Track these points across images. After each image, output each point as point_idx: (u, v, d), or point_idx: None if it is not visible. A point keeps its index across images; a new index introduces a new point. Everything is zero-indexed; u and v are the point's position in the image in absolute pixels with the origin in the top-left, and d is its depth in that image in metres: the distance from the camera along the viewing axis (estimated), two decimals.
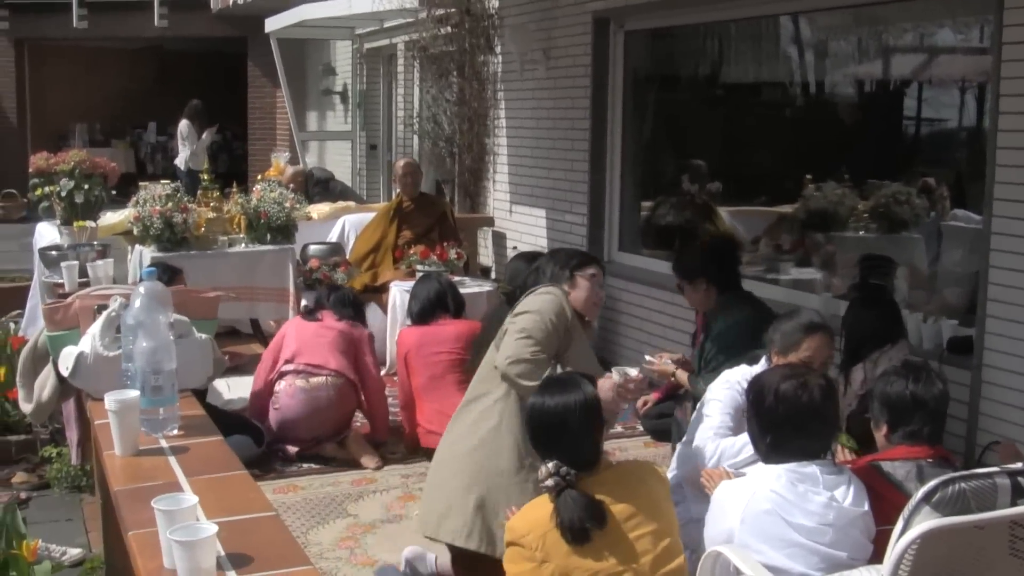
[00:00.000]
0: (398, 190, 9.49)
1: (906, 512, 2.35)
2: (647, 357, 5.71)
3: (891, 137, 8.50)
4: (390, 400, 6.83)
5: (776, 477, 3.38)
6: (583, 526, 3.27)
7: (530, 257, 5.69)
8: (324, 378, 6.22)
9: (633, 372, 3.85)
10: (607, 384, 3.80)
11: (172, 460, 3.18)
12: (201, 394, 4.58)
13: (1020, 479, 2.38)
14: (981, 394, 5.53)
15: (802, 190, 8.56)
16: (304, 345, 6.32)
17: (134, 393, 3.31)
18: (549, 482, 3.32)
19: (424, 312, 6.53)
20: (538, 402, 3.50)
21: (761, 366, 4.69)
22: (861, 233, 8.39)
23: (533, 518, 3.39)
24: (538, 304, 4.23)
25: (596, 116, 8.91)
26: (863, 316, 5.46)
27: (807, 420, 3.43)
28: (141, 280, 3.61)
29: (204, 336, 4.01)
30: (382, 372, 8.25)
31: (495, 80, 10.51)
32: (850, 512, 3.39)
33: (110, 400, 3.23)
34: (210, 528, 2.30)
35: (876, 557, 3.39)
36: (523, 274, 5.39)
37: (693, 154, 9.23)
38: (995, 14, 5.39)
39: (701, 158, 9.17)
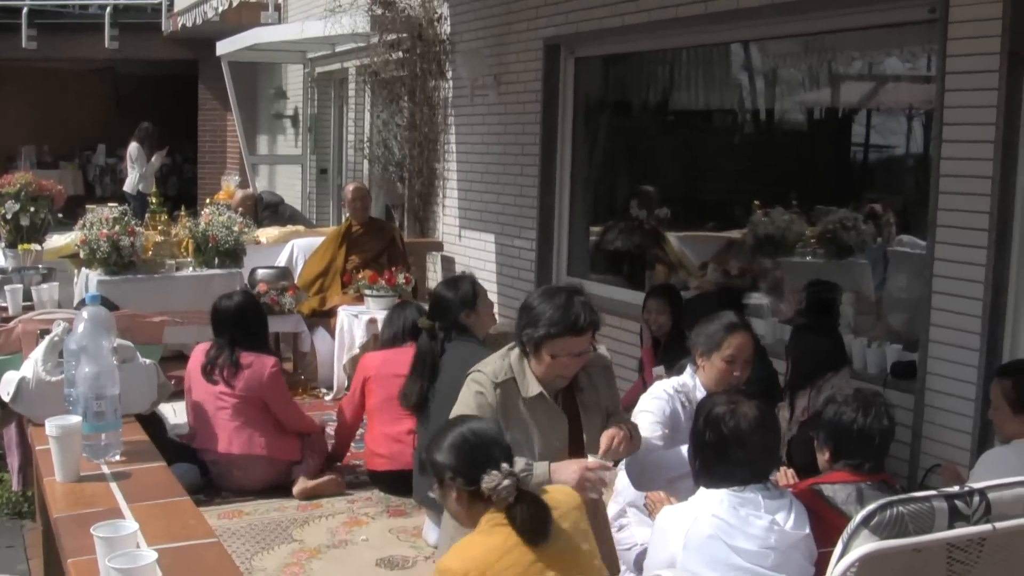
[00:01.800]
0: (347, 214, 9.48)
1: (845, 536, 2.37)
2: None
3: (838, 163, 8.59)
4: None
5: (718, 502, 3.41)
6: (544, 524, 3.02)
7: (452, 285, 5.64)
8: None
9: (608, 464, 3.76)
10: (570, 468, 3.70)
11: (114, 486, 3.16)
12: (153, 420, 4.54)
13: (957, 502, 2.40)
14: (924, 418, 5.59)
15: (751, 216, 8.64)
16: None
17: (76, 419, 3.29)
18: (507, 482, 2.99)
19: (396, 338, 6.46)
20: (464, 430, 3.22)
21: (688, 374, 4.71)
22: (808, 258, 8.46)
23: (471, 555, 3.02)
24: (458, 404, 3.95)
25: (546, 141, 8.95)
26: (809, 343, 5.53)
27: (730, 447, 3.47)
28: (84, 305, 3.58)
29: (148, 361, 3.98)
30: (328, 397, 8.28)
31: (446, 105, 10.54)
32: (792, 535, 3.42)
33: (51, 426, 3.20)
34: (150, 555, 2.28)
35: None
36: (453, 308, 5.42)
37: (643, 179, 9.27)
38: (939, 43, 5.47)
39: (651, 183, 9.22)
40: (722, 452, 3.44)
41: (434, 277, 10.74)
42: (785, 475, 4.30)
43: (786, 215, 8.72)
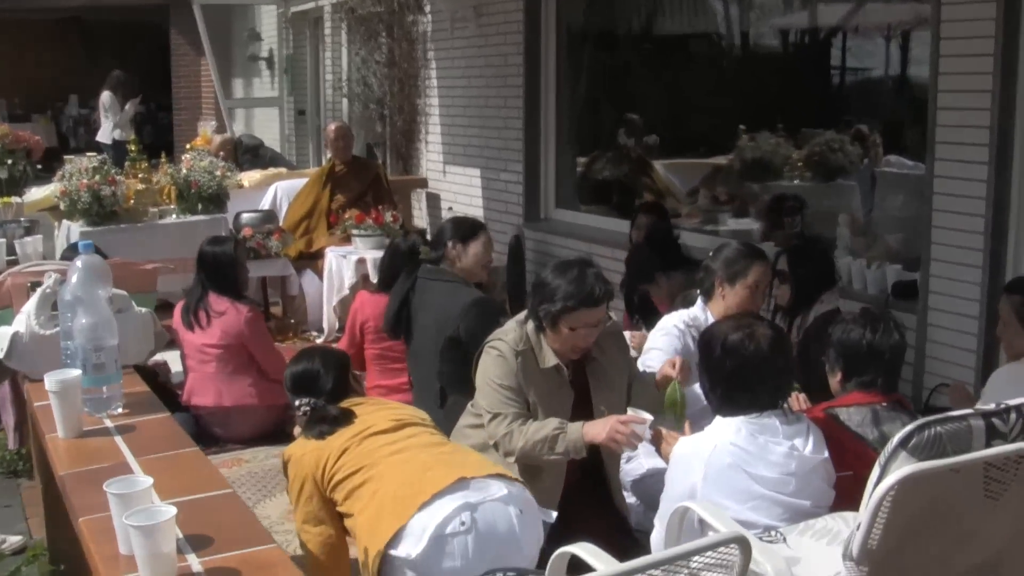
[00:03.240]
0: (330, 154, 9.35)
1: (882, 459, 2.31)
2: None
3: (823, 86, 8.52)
4: None
5: (736, 430, 3.33)
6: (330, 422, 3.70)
7: (456, 219, 5.61)
8: None
9: (644, 415, 3.73)
10: (601, 424, 3.76)
11: (119, 440, 3.06)
12: (147, 372, 4.45)
13: (994, 420, 2.34)
14: (927, 337, 5.55)
15: (737, 141, 8.57)
16: None
17: (75, 372, 3.19)
18: (304, 408, 3.80)
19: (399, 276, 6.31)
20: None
21: (698, 307, 4.65)
22: (796, 182, 8.42)
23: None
24: (480, 371, 4.04)
25: (529, 73, 8.83)
26: (807, 264, 5.44)
27: (755, 371, 3.37)
28: (74, 254, 3.47)
29: (144, 310, 3.88)
30: (320, 340, 8.19)
31: (425, 40, 10.38)
32: (811, 460, 3.36)
33: (51, 380, 3.11)
34: (168, 511, 2.20)
35: (837, 503, 3.38)
36: (442, 236, 5.34)
37: (628, 109, 9.19)
38: None
39: (636, 112, 9.13)
40: (746, 377, 3.35)
41: (419, 215, 10.64)
42: (797, 400, 4.23)
43: (772, 139, 8.66)
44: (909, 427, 2.31)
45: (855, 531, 2.36)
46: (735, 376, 3.39)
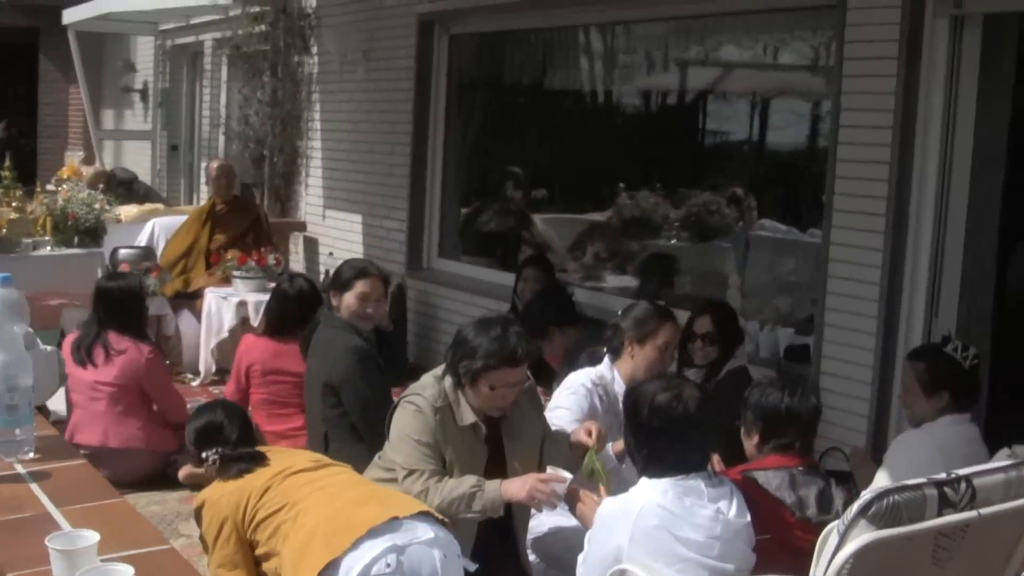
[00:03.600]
0: (210, 192, 9.15)
1: (841, 526, 2.31)
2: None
3: (701, 148, 8.68)
4: None
5: (663, 492, 3.29)
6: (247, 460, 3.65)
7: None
8: None
9: (564, 474, 3.71)
10: (520, 482, 3.74)
11: (35, 488, 2.84)
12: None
13: (946, 489, 2.36)
14: (820, 401, 5.60)
15: (616, 199, 8.65)
16: None
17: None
18: (213, 457, 3.70)
19: (286, 321, 6.09)
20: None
21: (605, 365, 4.63)
22: (674, 241, 8.52)
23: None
24: (396, 426, 3.94)
25: (418, 120, 8.78)
26: (728, 324, 5.46)
27: (683, 432, 3.36)
28: None
29: (50, 348, 3.69)
30: (195, 383, 7.98)
31: (310, 81, 10.25)
32: (735, 524, 3.35)
33: None
34: (126, 570, 2.04)
35: (756, 567, 3.38)
36: (325, 284, 5.25)
37: (514, 160, 9.21)
38: (836, 30, 5.48)
39: (522, 164, 9.16)
40: (675, 438, 3.33)
41: (296, 259, 10.46)
42: (712, 461, 4.23)
43: (652, 198, 8.77)
44: (868, 495, 2.32)
45: None
46: (662, 437, 3.36)
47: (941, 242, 5.28)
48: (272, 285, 7.95)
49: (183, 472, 5.73)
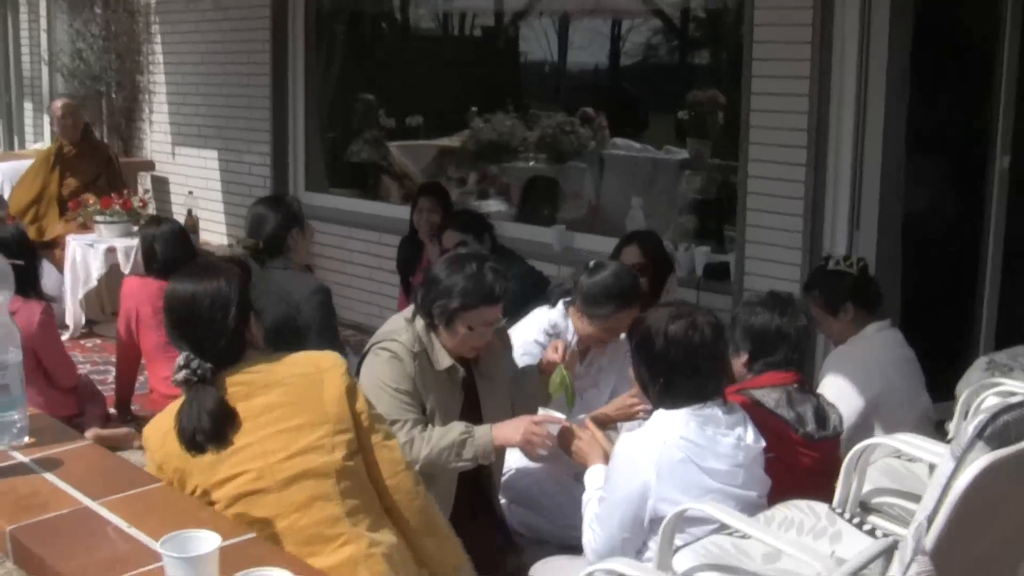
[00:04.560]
0: (56, 134, 8.62)
1: (957, 450, 2.27)
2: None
3: (554, 70, 8.76)
4: None
5: (684, 423, 3.22)
6: (197, 437, 2.67)
7: (275, 202, 5.13)
8: None
9: (557, 415, 3.63)
10: (514, 425, 3.63)
11: (53, 479, 2.51)
12: None
13: None
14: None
15: (471, 123, 8.57)
16: None
17: None
18: (180, 375, 2.74)
19: (168, 264, 5.73)
20: (170, 289, 2.92)
21: (559, 312, 4.51)
22: (532, 163, 8.50)
23: (160, 420, 2.83)
24: (368, 375, 3.70)
25: (277, 49, 8.44)
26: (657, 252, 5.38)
27: (701, 360, 3.29)
28: None
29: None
30: (65, 336, 7.53)
31: (148, 12, 9.71)
32: (754, 449, 3.31)
33: None
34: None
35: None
36: (271, 223, 4.91)
37: (374, 88, 9.02)
38: None
39: (381, 91, 9.00)
40: (695, 367, 3.25)
41: (145, 199, 9.96)
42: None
43: (508, 120, 8.71)
44: (982, 417, 2.29)
45: (924, 524, 2.31)
46: (681, 366, 3.28)
47: (861, 153, 5.35)
48: (137, 228, 7.61)
49: (90, 434, 5.46)
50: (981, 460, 2.24)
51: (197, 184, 9.21)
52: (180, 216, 8.66)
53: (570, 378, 3.89)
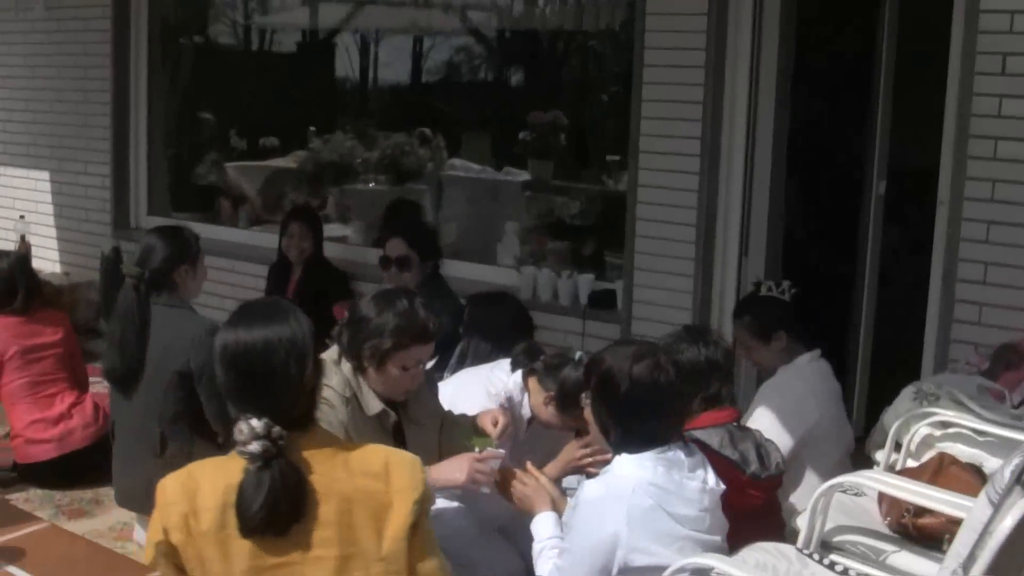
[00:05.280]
0: None
1: (994, 496, 2.21)
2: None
3: (395, 88, 8.76)
4: None
5: (652, 468, 3.06)
6: (272, 515, 2.26)
7: (169, 233, 4.76)
8: None
9: (498, 451, 3.46)
10: (456, 464, 3.42)
11: (14, 570, 2.08)
12: None
13: None
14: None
15: (308, 143, 8.41)
16: None
17: None
18: (254, 447, 2.28)
19: (27, 295, 5.38)
20: (230, 339, 2.39)
21: (516, 385, 4.13)
22: (372, 185, 8.39)
23: (187, 480, 2.35)
24: None
25: (119, 64, 8.01)
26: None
27: (666, 401, 3.15)
28: None
29: None
30: None
31: None
32: (716, 492, 3.18)
33: None
34: None
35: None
36: (159, 255, 4.55)
37: (217, 106, 8.75)
38: None
39: (222, 110, 8.76)
40: (660, 408, 3.10)
41: None
42: None
43: (347, 141, 8.58)
44: (1018, 461, 2.23)
45: (959, 571, 2.24)
46: (644, 409, 3.13)
47: (750, 178, 5.35)
48: None
49: None
50: (1021, 503, 2.20)
51: (26, 208, 8.67)
52: (9, 243, 8.15)
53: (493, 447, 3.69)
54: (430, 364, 3.62)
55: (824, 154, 6.10)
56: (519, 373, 4.08)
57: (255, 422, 2.28)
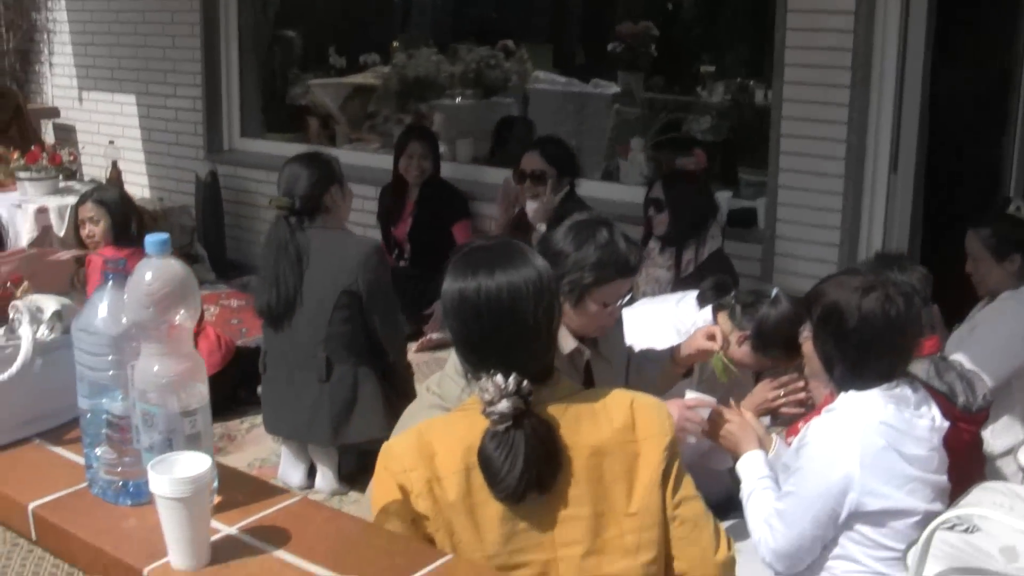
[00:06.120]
0: None
1: None
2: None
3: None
4: None
5: (883, 406, 2.91)
6: (531, 477, 2.08)
7: (309, 159, 4.60)
8: None
9: (709, 398, 3.24)
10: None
11: (291, 558, 1.73)
12: None
13: None
14: (775, 267, 5.39)
15: (392, 59, 8.22)
16: None
17: (201, 460, 1.76)
18: (503, 405, 2.07)
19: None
20: (471, 284, 2.14)
21: (705, 316, 3.96)
22: (458, 100, 8.23)
23: (420, 441, 2.15)
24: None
25: None
26: (686, 192, 5.06)
27: (897, 336, 2.98)
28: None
29: None
30: None
31: None
32: (942, 430, 3.03)
33: (166, 481, 1.67)
34: None
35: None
36: (305, 181, 4.40)
37: (301, 24, 8.53)
38: None
39: (307, 28, 8.63)
40: (891, 344, 2.93)
41: (75, 152, 9.21)
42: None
43: (434, 56, 8.40)
44: None
45: None
46: (876, 344, 2.95)
47: (900, 94, 5.12)
48: (64, 184, 7.01)
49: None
50: None
51: (112, 132, 8.52)
52: (98, 169, 8.03)
53: (731, 362, 3.52)
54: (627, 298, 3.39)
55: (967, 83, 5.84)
56: (708, 309, 3.89)
57: (500, 379, 2.07)
